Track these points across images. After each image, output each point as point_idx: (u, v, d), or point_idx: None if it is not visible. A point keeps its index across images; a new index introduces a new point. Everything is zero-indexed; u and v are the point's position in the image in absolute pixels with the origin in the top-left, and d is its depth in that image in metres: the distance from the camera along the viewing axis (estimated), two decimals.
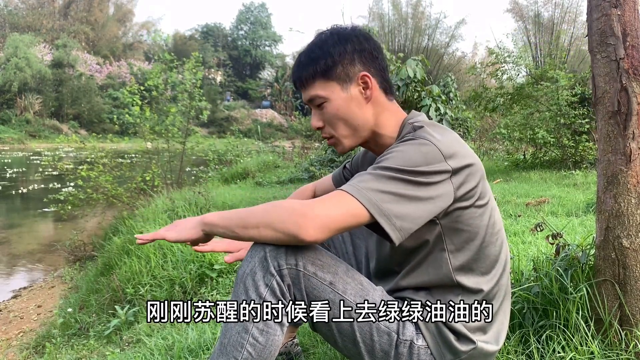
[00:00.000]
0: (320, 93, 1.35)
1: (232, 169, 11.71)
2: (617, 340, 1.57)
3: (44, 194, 9.51)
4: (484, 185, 1.32)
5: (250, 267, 1.25)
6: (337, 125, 1.38)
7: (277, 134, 42.22)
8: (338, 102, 1.35)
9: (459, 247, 1.31)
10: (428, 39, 33.48)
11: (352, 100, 1.36)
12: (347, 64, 1.35)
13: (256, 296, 1.24)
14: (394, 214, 1.17)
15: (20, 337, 4.20)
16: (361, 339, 1.29)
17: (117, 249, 4.77)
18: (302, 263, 1.24)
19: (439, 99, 7.85)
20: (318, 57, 1.35)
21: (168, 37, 13.30)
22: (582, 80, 9.34)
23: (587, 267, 1.73)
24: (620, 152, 1.56)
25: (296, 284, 1.25)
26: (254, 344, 1.24)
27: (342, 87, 1.35)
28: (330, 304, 1.26)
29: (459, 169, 1.23)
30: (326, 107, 1.36)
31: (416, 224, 1.20)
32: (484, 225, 1.32)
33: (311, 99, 1.38)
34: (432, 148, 1.22)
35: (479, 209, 1.30)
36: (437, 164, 1.20)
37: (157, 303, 1.35)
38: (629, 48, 1.56)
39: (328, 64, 1.34)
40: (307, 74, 1.36)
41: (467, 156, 1.27)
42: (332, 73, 1.34)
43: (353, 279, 1.30)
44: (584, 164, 8.77)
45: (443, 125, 1.36)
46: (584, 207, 4.67)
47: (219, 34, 62.73)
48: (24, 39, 39.93)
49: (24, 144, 33.34)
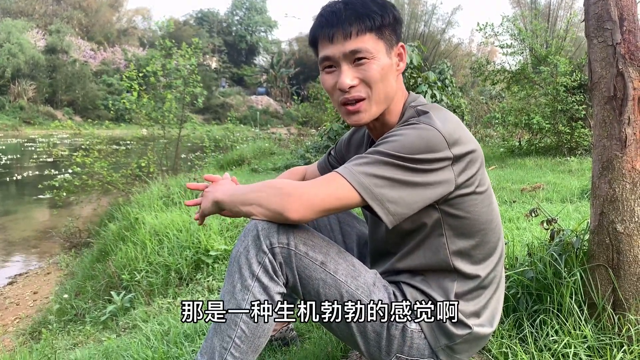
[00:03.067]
0: (370, 48, 1.26)
1: (228, 156, 11.69)
2: (610, 325, 1.58)
3: (39, 180, 9.47)
4: (483, 171, 1.31)
5: (244, 246, 1.26)
6: (376, 86, 1.29)
7: (272, 120, 42.07)
8: (383, 62, 1.29)
9: (457, 233, 1.31)
10: (424, 25, 33.35)
11: (391, 68, 1.32)
12: (392, 31, 1.32)
13: (249, 274, 1.25)
14: (387, 199, 1.17)
15: (17, 323, 4.21)
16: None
17: (113, 235, 4.77)
18: (294, 243, 1.25)
19: (435, 85, 7.83)
20: (375, 11, 1.27)
21: (170, 23, 13.22)
22: (578, 67, 9.34)
23: (581, 252, 1.74)
24: (615, 137, 1.56)
25: (288, 263, 1.26)
26: (247, 321, 1.25)
27: (387, 51, 1.30)
28: (322, 284, 1.27)
29: (461, 155, 1.22)
30: (369, 65, 1.27)
31: (411, 209, 1.20)
32: (484, 212, 1.32)
33: (356, 50, 1.26)
34: (436, 134, 1.20)
35: (479, 195, 1.30)
36: (439, 152, 1.19)
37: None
38: (625, 33, 1.55)
39: (384, 22, 1.28)
40: (361, 24, 1.25)
41: (469, 142, 1.26)
42: (384, 33, 1.29)
43: (345, 260, 1.31)
44: (579, 150, 8.79)
45: (445, 109, 1.33)
46: (579, 193, 4.68)
47: (214, 19, 62.20)
48: (16, 24, 39.52)
49: (18, 130, 33.14)
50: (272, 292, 1.26)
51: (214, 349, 1.27)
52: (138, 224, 4.49)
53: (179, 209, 4.82)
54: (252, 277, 1.25)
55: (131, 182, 7.55)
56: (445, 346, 1.34)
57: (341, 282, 1.28)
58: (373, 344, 1.32)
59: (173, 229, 3.98)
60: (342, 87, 1.28)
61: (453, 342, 1.33)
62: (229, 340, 1.26)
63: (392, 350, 1.32)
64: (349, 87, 1.28)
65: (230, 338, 1.26)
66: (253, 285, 1.25)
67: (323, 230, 1.71)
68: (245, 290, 1.25)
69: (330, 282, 1.27)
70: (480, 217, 1.31)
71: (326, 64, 1.32)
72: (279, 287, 1.27)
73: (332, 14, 1.28)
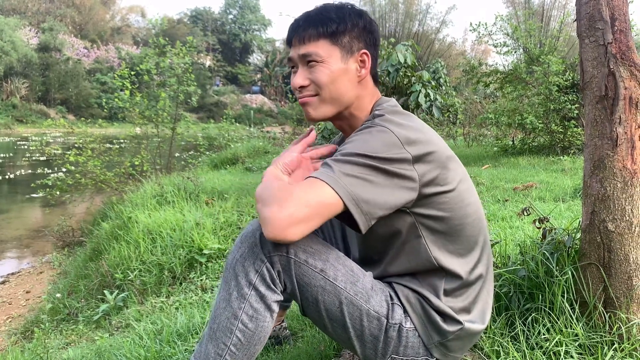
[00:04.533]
0: (320, 52, 1.33)
1: (222, 155, 11.67)
2: (601, 323, 1.59)
3: (32, 179, 9.43)
4: (448, 170, 1.30)
5: (240, 253, 1.25)
6: (325, 88, 1.35)
7: (267, 119, 42.06)
8: (333, 67, 1.34)
9: (434, 232, 1.31)
10: (419, 24, 33.44)
11: (346, 73, 1.36)
12: (354, 38, 1.36)
13: (246, 282, 1.24)
14: (362, 198, 1.16)
15: (9, 322, 4.18)
16: (351, 325, 1.30)
17: (106, 234, 4.76)
18: (294, 250, 1.24)
19: (429, 84, 7.84)
20: (331, 19, 1.34)
21: (164, 20, 13.17)
22: (572, 66, 9.39)
23: (573, 250, 1.75)
24: (607, 136, 1.57)
25: (286, 271, 1.25)
26: (243, 329, 1.25)
27: (342, 57, 1.35)
28: (321, 291, 1.27)
29: (420, 156, 1.22)
30: (319, 68, 1.34)
31: (382, 208, 1.19)
32: (457, 209, 1.32)
33: (306, 54, 1.34)
34: (389, 135, 1.21)
35: (449, 193, 1.29)
36: (396, 152, 1.20)
37: None
38: (617, 32, 1.56)
39: (339, 29, 1.34)
40: (314, 30, 1.34)
41: (428, 143, 1.26)
42: (339, 39, 1.34)
43: (344, 266, 1.30)
44: (572, 149, 8.83)
45: (406, 112, 1.36)
46: (572, 192, 4.71)
47: (208, 17, 62.10)
48: (9, 22, 39.29)
49: (10, 129, 32.95)
50: (269, 300, 1.25)
51: (209, 355, 1.26)
52: (131, 222, 4.48)
53: (172, 207, 4.81)
54: (249, 285, 1.24)
55: (124, 181, 7.53)
56: (438, 343, 1.34)
57: (340, 288, 1.27)
58: (369, 347, 1.33)
59: (166, 228, 3.97)
60: (293, 86, 1.39)
61: (445, 338, 1.34)
62: (224, 348, 1.25)
63: (387, 352, 1.33)
64: (299, 86, 1.37)
65: (225, 345, 1.25)
66: (250, 294, 1.24)
67: (324, 228, 1.70)
68: (241, 299, 1.24)
69: (329, 289, 1.27)
70: (454, 214, 1.31)
71: (290, 64, 1.42)
72: (276, 296, 1.26)
73: (296, 22, 1.39)
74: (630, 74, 1.54)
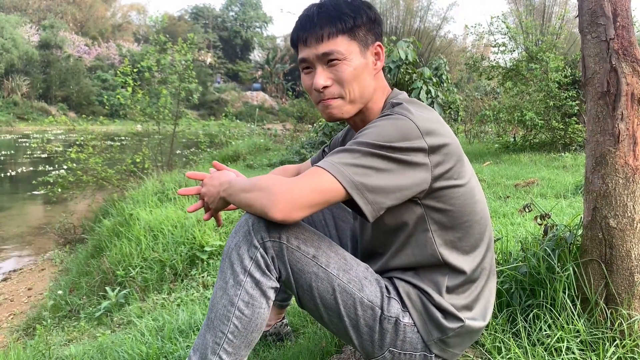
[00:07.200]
0: (341, 49, 1.30)
1: (223, 152, 11.67)
2: (603, 319, 1.59)
3: (33, 176, 9.43)
4: (462, 164, 1.31)
5: (235, 242, 1.27)
6: (349, 86, 1.33)
7: (268, 116, 42.00)
8: (356, 63, 1.32)
9: (442, 226, 1.32)
10: (420, 21, 33.35)
11: (366, 67, 1.35)
12: (368, 31, 1.35)
13: (241, 269, 1.25)
14: (367, 187, 1.17)
15: (11, 319, 4.19)
16: (345, 313, 1.30)
17: (108, 231, 4.76)
18: (286, 236, 1.26)
19: (430, 81, 7.83)
20: (346, 13, 1.31)
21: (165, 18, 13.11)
22: (572, 63, 9.36)
23: (575, 247, 1.74)
24: (608, 132, 1.56)
25: (280, 257, 1.26)
26: (240, 316, 1.26)
27: (360, 52, 1.33)
28: (314, 277, 1.27)
29: (435, 147, 1.23)
30: (342, 66, 1.31)
31: (390, 198, 1.20)
32: (466, 204, 1.32)
33: (327, 53, 1.31)
34: (408, 123, 1.22)
35: (460, 188, 1.30)
36: (413, 140, 1.20)
37: None
38: (619, 28, 1.56)
39: (357, 23, 1.32)
40: (332, 27, 1.30)
41: (444, 135, 1.26)
42: (357, 33, 1.32)
43: (336, 254, 1.31)
44: (574, 146, 8.82)
45: (423, 103, 1.36)
46: (573, 188, 4.70)
47: (209, 15, 62.00)
48: (9, 19, 39.25)
49: (11, 126, 32.95)
50: (264, 286, 1.26)
51: (207, 345, 1.27)
52: (133, 220, 4.49)
53: (173, 204, 4.82)
54: (244, 272, 1.25)
55: (126, 178, 7.53)
56: (437, 339, 1.34)
57: (333, 275, 1.28)
58: (366, 338, 1.33)
59: (168, 225, 3.98)
60: (316, 88, 1.34)
61: (445, 335, 1.34)
62: (222, 336, 1.26)
63: (385, 345, 1.33)
64: (323, 87, 1.33)
65: (223, 334, 1.26)
66: (245, 281, 1.25)
67: (318, 226, 1.72)
68: (237, 286, 1.25)
69: (322, 275, 1.28)
70: (464, 209, 1.32)
71: (303, 65, 1.37)
72: (272, 282, 1.27)
73: (307, 18, 1.33)
74: (633, 70, 1.54)
